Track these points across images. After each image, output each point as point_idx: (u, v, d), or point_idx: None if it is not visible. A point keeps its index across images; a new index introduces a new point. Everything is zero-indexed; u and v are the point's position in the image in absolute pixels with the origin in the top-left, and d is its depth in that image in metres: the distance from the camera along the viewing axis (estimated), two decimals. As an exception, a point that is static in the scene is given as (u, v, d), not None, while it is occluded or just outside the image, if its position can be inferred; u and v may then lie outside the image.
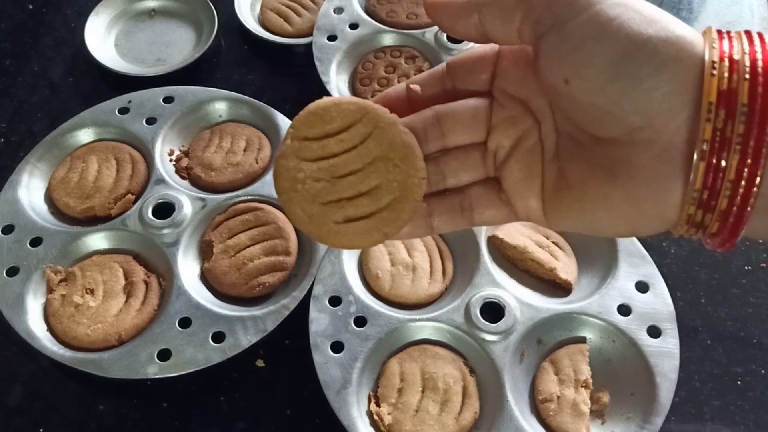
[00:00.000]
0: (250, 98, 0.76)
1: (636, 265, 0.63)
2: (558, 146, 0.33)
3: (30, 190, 0.70)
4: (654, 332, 0.59)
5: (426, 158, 0.34)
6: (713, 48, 0.28)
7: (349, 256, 0.65)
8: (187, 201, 0.68)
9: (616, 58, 0.28)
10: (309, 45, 0.81)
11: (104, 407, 0.61)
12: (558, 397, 0.57)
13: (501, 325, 0.59)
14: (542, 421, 0.57)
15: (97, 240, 0.67)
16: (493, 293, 0.61)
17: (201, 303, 0.62)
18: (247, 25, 0.86)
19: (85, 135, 0.74)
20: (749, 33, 0.28)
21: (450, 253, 0.67)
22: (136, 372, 0.58)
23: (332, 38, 0.81)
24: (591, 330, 0.61)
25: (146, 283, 0.64)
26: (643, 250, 0.64)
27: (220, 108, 0.77)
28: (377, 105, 0.34)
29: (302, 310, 0.61)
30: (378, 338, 0.59)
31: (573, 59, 0.29)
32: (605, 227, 0.32)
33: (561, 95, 0.31)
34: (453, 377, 0.58)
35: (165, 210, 0.68)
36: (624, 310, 0.61)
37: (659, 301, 0.61)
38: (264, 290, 0.64)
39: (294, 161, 0.33)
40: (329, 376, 0.57)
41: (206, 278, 0.65)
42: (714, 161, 0.27)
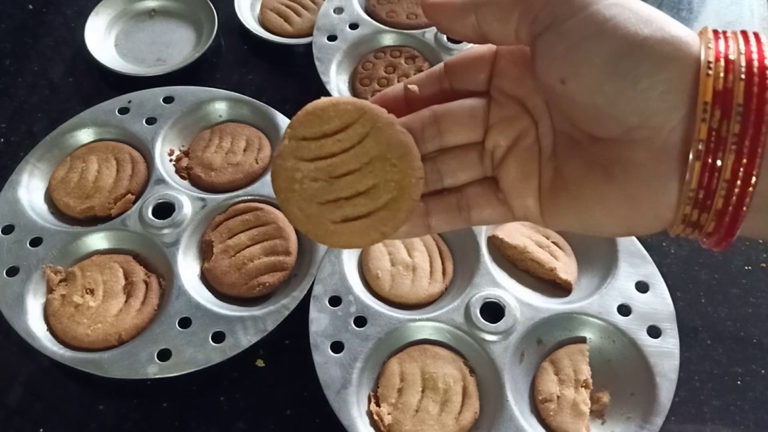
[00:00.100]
0: (250, 98, 0.76)
1: (636, 265, 0.63)
2: (555, 145, 0.33)
3: (30, 190, 0.70)
4: (654, 332, 0.59)
5: (423, 158, 0.34)
6: (709, 48, 0.28)
7: (349, 256, 0.65)
8: (187, 201, 0.68)
9: (613, 58, 0.28)
10: (309, 45, 0.81)
11: (104, 407, 0.61)
12: (558, 397, 0.57)
13: (501, 325, 0.59)
14: (542, 421, 0.57)
15: (97, 240, 0.67)
16: (493, 293, 0.61)
17: (201, 303, 0.62)
18: (247, 25, 0.86)
19: (85, 135, 0.74)
20: (745, 33, 0.28)
21: (450, 253, 0.67)
22: (136, 372, 0.58)
23: (332, 38, 0.81)
24: (591, 330, 0.61)
25: (146, 283, 0.64)
26: (643, 250, 0.64)
27: (220, 108, 0.77)
28: (375, 105, 0.34)
29: (302, 310, 0.61)
30: (378, 338, 0.59)
31: (570, 58, 0.29)
32: (602, 226, 0.32)
33: (558, 95, 0.31)
34: (453, 377, 0.58)
35: (165, 210, 0.68)
36: (624, 310, 0.61)
37: (659, 301, 0.61)
38: (264, 290, 0.64)
39: (292, 161, 0.33)
40: (329, 376, 0.57)
41: (206, 278, 0.65)
42: (709, 161, 0.27)
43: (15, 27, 0.90)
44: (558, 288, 0.65)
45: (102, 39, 0.87)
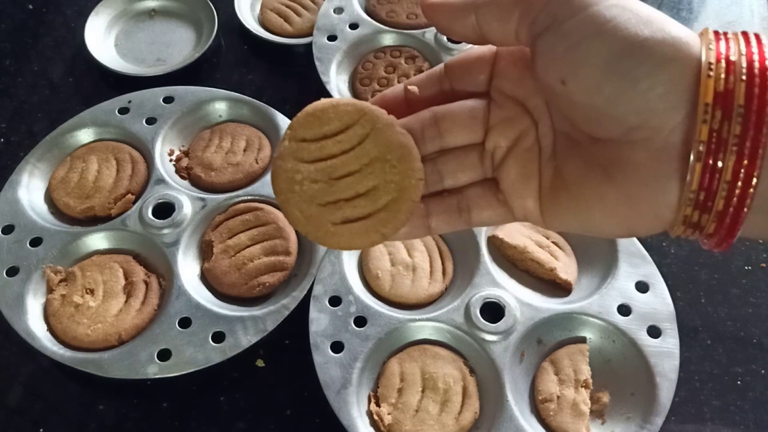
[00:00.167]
0: (250, 98, 0.76)
1: (636, 265, 0.63)
2: (555, 146, 0.33)
3: (30, 190, 0.70)
4: (654, 332, 0.59)
5: (423, 159, 0.34)
6: (710, 49, 0.28)
7: (349, 256, 0.65)
8: (187, 201, 0.68)
9: (613, 58, 0.28)
10: (309, 45, 0.81)
11: (104, 407, 0.61)
12: (558, 397, 0.57)
13: (501, 325, 0.59)
14: (542, 421, 0.57)
15: (97, 240, 0.67)
16: (493, 293, 0.61)
17: (201, 303, 0.62)
18: (247, 25, 0.86)
19: (85, 135, 0.74)
20: (746, 34, 0.28)
21: (450, 253, 0.67)
22: (136, 372, 0.58)
23: (332, 38, 0.81)
24: (591, 330, 0.61)
25: (146, 283, 0.64)
26: (643, 250, 0.64)
27: (220, 108, 0.77)
28: (375, 106, 0.34)
29: (302, 310, 0.61)
30: (378, 338, 0.59)
31: (569, 58, 0.29)
32: (602, 227, 0.32)
33: (558, 95, 0.31)
34: (453, 377, 0.58)
35: (165, 210, 0.68)
36: (624, 310, 0.61)
37: (659, 301, 0.61)
38: (264, 290, 0.64)
39: (292, 162, 0.33)
40: (329, 376, 0.57)
41: (206, 278, 0.65)
42: (710, 162, 0.27)
43: (15, 27, 0.90)
44: (558, 288, 0.65)
45: (102, 39, 0.87)
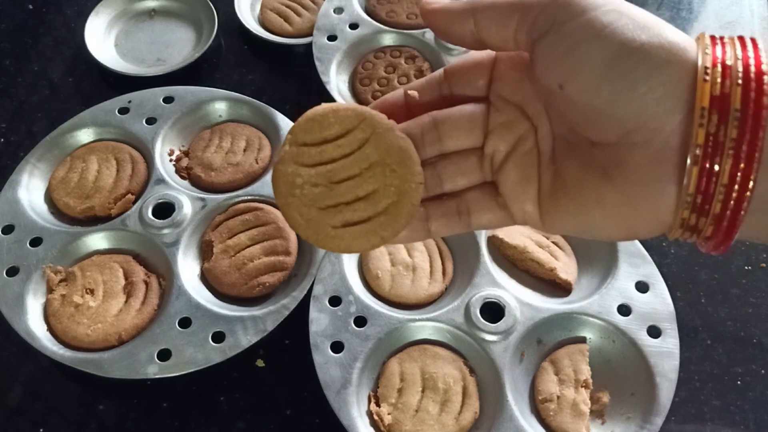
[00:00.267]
0: (250, 98, 0.76)
1: (636, 265, 0.63)
2: (554, 149, 0.34)
3: (30, 190, 0.70)
4: (654, 332, 0.59)
5: (423, 163, 0.34)
6: (706, 54, 0.28)
7: (349, 257, 0.65)
8: (187, 201, 0.68)
9: (611, 60, 0.28)
10: (309, 45, 0.81)
11: (104, 407, 0.61)
12: (558, 397, 0.58)
13: (501, 325, 0.60)
14: (542, 421, 0.57)
15: (97, 240, 0.67)
16: (493, 293, 0.61)
17: (201, 303, 0.62)
18: (247, 25, 0.86)
19: (85, 135, 0.74)
20: (742, 38, 0.28)
21: (450, 253, 0.67)
22: (136, 372, 0.58)
23: (332, 38, 0.81)
24: (591, 330, 0.61)
25: (146, 283, 0.64)
26: (643, 250, 0.64)
27: (220, 108, 0.77)
28: (375, 111, 0.34)
29: (302, 310, 0.61)
30: (378, 338, 0.59)
31: (568, 61, 0.30)
32: (602, 229, 0.33)
33: (556, 98, 0.31)
34: (453, 377, 0.58)
35: (165, 210, 0.68)
36: (624, 310, 0.61)
37: (659, 301, 0.61)
38: (264, 290, 0.64)
39: (292, 166, 0.34)
40: (329, 376, 0.57)
41: (206, 278, 0.65)
42: (707, 166, 0.27)
43: (15, 27, 0.90)
44: (558, 288, 0.65)
45: (102, 39, 0.87)
